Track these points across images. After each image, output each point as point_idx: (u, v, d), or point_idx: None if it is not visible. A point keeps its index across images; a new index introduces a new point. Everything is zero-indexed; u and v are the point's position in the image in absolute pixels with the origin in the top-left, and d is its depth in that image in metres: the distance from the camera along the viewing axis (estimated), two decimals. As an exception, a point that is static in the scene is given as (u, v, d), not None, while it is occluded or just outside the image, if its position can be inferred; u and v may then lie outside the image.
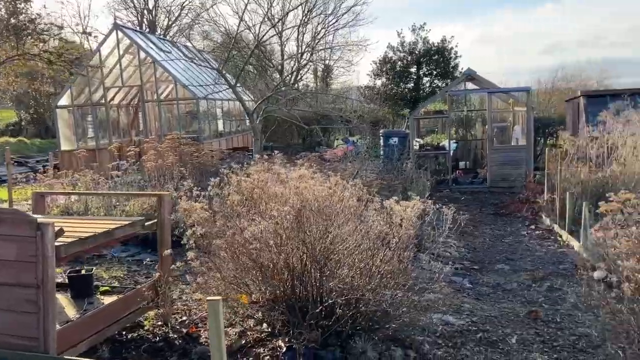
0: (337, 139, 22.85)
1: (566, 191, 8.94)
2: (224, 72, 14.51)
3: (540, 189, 10.91)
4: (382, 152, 14.84)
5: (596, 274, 6.16)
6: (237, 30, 17.23)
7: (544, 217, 9.81)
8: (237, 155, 13.38)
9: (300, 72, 27.56)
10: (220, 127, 20.78)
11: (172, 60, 18.34)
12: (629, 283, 3.49)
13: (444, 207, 4.29)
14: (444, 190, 13.86)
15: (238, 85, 16.38)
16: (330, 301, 3.60)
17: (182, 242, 3.83)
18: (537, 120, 19.74)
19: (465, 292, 5.66)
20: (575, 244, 7.74)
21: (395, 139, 14.61)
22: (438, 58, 21.92)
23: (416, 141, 15.29)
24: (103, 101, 18.37)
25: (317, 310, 3.63)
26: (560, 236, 8.55)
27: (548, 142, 20.05)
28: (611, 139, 9.65)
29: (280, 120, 17.24)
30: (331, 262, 3.76)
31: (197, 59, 19.99)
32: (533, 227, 9.48)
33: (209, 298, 2.35)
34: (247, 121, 19.79)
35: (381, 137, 15.25)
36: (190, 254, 3.80)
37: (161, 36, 27.47)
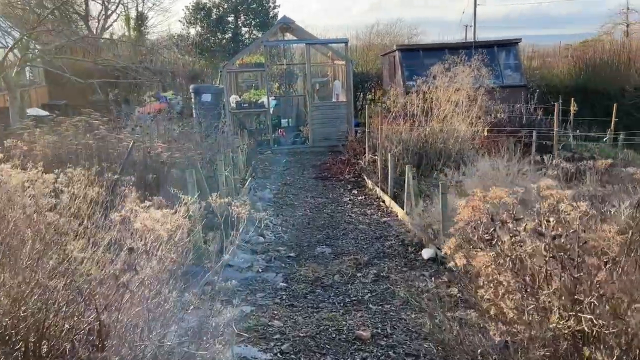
0: (149, 96, 20.08)
1: (387, 151, 8.26)
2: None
3: (362, 148, 10.22)
4: (194, 111, 12.95)
5: (425, 253, 5.43)
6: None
7: (366, 179, 9.12)
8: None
9: (109, 19, 23.64)
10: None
11: None
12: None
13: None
14: (266, 152, 12.63)
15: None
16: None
17: None
18: (356, 75, 19.46)
19: (278, 296, 4.41)
20: (399, 212, 7.05)
21: (208, 96, 12.81)
22: (256, 7, 20.26)
23: (233, 98, 13.68)
24: None
25: None
26: (384, 201, 7.87)
27: (368, 97, 20.03)
28: (435, 95, 9.20)
29: (79, 74, 13.99)
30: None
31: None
32: (356, 191, 8.71)
33: None
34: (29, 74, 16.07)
35: (192, 94, 13.29)
36: None
37: None
